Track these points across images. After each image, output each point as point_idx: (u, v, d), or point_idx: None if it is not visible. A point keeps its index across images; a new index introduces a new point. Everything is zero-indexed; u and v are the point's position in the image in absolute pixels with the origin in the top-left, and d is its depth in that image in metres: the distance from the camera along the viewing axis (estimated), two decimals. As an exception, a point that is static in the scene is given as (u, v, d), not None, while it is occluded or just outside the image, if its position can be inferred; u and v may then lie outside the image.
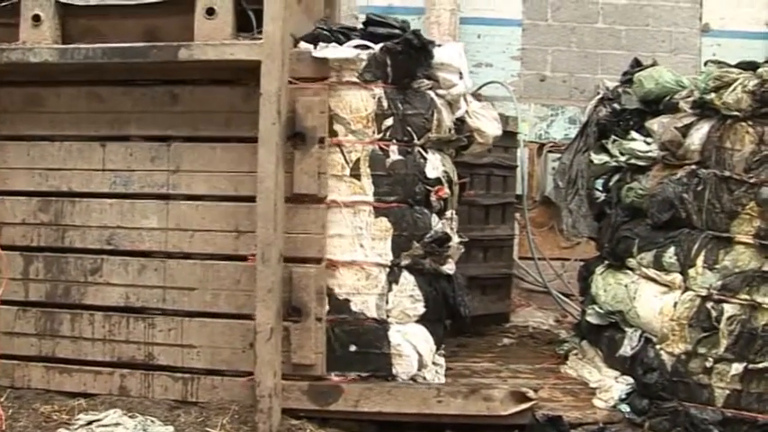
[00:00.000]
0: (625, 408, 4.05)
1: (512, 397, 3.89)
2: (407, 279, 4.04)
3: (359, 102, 3.98)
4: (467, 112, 4.40)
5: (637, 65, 4.86)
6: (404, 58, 3.99)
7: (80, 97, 4.10)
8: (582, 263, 5.31)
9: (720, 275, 3.97)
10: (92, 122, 4.09)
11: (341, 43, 4.00)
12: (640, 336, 4.19)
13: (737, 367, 3.91)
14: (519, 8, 7.78)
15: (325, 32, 4.06)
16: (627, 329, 4.28)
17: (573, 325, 5.53)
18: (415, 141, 4.05)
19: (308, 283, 3.85)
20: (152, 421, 3.67)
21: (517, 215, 6.59)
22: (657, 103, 4.38)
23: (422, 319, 4.10)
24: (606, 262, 4.68)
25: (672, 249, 4.09)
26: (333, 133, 3.97)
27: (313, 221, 3.89)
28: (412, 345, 4.02)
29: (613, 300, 4.42)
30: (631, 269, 4.36)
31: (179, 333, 3.97)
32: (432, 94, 4.09)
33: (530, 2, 7.81)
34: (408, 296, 4.04)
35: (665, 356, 4.03)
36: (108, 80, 4.07)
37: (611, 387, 4.17)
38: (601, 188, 4.99)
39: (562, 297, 6.54)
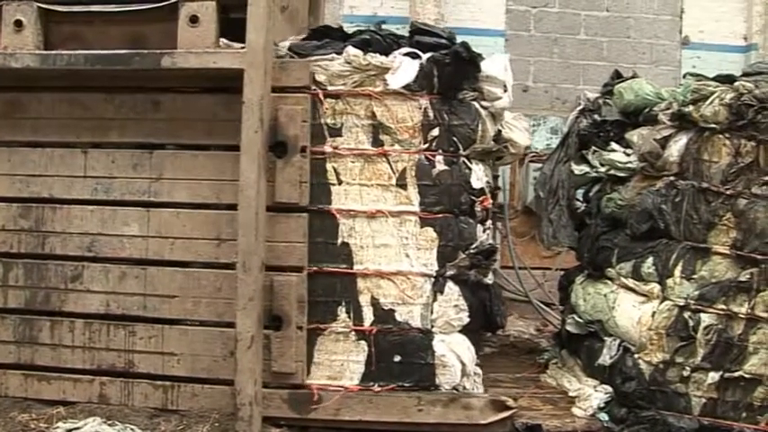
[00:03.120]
0: (604, 416, 4.09)
1: (491, 406, 3.91)
2: (452, 289, 4.02)
3: (405, 112, 3.99)
4: (501, 122, 4.41)
5: (617, 76, 4.91)
6: (451, 70, 3.99)
7: (62, 104, 4.09)
8: (563, 272, 5.34)
9: (698, 285, 4.03)
10: (74, 129, 4.08)
11: (391, 50, 4.01)
12: (619, 345, 4.22)
13: (714, 376, 3.96)
14: (502, 19, 7.84)
15: (377, 37, 4.06)
16: (606, 339, 4.31)
17: (553, 334, 5.56)
18: (461, 152, 4.05)
19: (288, 292, 3.86)
20: (132, 429, 3.66)
21: (498, 224, 6.61)
22: (637, 115, 4.43)
23: (463, 329, 4.08)
24: (586, 272, 4.72)
25: (650, 259, 4.14)
26: (379, 143, 3.99)
27: (294, 230, 3.90)
28: (456, 354, 4.00)
29: (593, 309, 4.45)
30: (611, 279, 4.40)
31: (159, 341, 3.96)
32: (476, 105, 4.09)
33: (513, 13, 7.87)
34: (453, 306, 4.01)
35: (643, 365, 4.07)
36: (90, 87, 4.06)
37: (591, 396, 4.20)
38: (581, 198, 5.03)
39: (543, 306, 6.56)
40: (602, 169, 4.50)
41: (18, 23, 3.94)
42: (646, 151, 4.21)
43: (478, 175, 4.10)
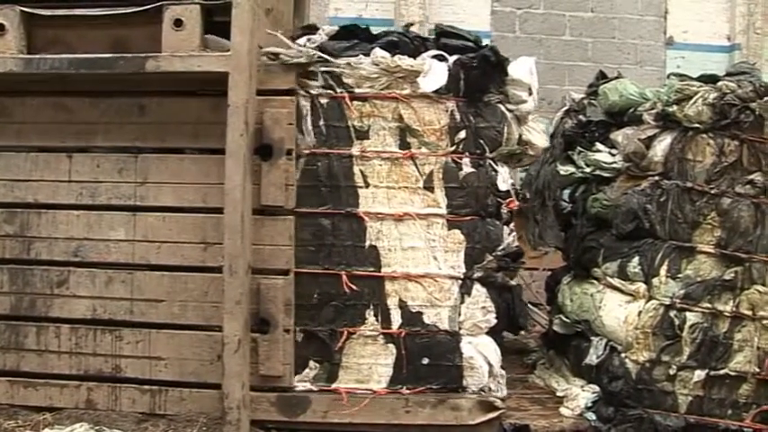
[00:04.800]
0: (591, 416, 4.11)
1: (479, 406, 3.92)
2: (479, 291, 4.01)
3: (432, 114, 3.98)
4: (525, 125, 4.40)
5: (602, 77, 4.94)
6: (478, 73, 3.98)
7: (46, 108, 4.06)
8: (549, 272, 5.36)
9: (683, 284, 4.06)
10: (58, 133, 4.05)
11: (418, 53, 4.00)
12: (606, 344, 4.25)
13: (700, 374, 4.00)
14: (487, 20, 7.87)
15: (405, 39, 4.06)
16: (593, 338, 4.34)
17: (541, 334, 5.58)
18: (487, 154, 4.05)
19: (275, 295, 3.85)
20: (119, 434, 3.65)
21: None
22: (622, 115, 4.46)
23: (489, 331, 4.08)
24: (572, 272, 4.75)
25: (636, 259, 4.16)
26: (406, 146, 3.98)
27: (280, 233, 3.89)
28: (483, 356, 3.99)
29: (579, 309, 4.48)
30: (597, 279, 4.42)
31: (147, 345, 3.94)
32: (502, 107, 4.09)
33: (498, 14, 7.90)
34: (481, 308, 4.01)
35: (629, 365, 4.09)
36: (75, 91, 4.03)
37: (578, 396, 4.22)
38: (567, 199, 5.05)
39: (530, 306, 6.56)
40: (588, 169, 4.53)
41: (1, 27, 3.91)
42: (630, 151, 4.24)
43: (504, 178, 4.10)
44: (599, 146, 4.54)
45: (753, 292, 4.05)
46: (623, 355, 4.12)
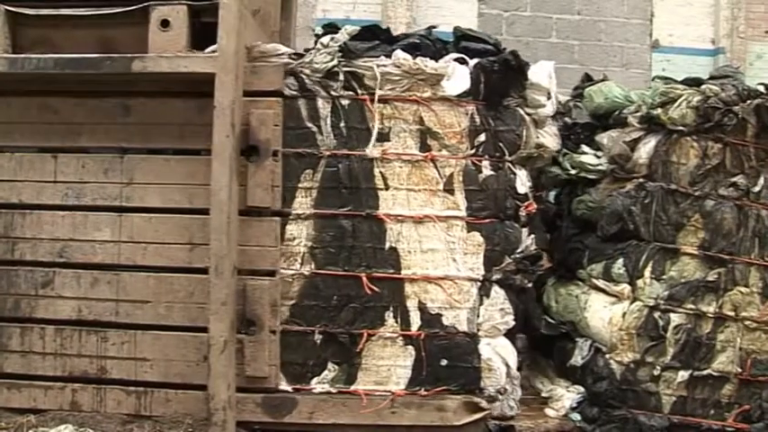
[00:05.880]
0: (576, 416, 4.13)
1: (465, 407, 3.92)
2: (498, 293, 4.02)
3: (452, 117, 3.97)
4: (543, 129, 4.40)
5: (587, 80, 4.97)
6: (499, 77, 3.98)
7: (31, 108, 4.04)
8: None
9: (667, 286, 4.09)
10: (43, 133, 4.03)
11: (440, 55, 4.00)
12: (590, 345, 4.27)
13: (683, 374, 4.04)
14: (474, 22, 7.90)
15: (427, 42, 4.05)
16: (578, 339, 4.36)
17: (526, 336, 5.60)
18: (507, 157, 4.05)
19: (261, 296, 3.85)
20: (104, 436, 3.64)
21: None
22: (607, 118, 4.49)
23: (507, 333, 4.09)
24: (557, 273, 4.77)
25: (620, 260, 4.19)
26: (426, 148, 3.97)
27: (267, 234, 3.89)
28: (501, 358, 4.00)
29: (564, 310, 4.50)
30: (582, 280, 4.45)
31: (132, 346, 3.93)
32: (521, 111, 4.09)
33: (485, 17, 7.94)
34: (499, 310, 4.01)
35: (614, 365, 4.12)
36: (60, 91, 4.01)
37: (563, 396, 4.25)
38: (552, 200, 5.07)
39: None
40: (573, 171, 4.55)
41: (-14, 27, 3.90)
42: (615, 153, 4.26)
43: (522, 180, 4.11)
44: (584, 148, 4.56)
45: (735, 294, 4.10)
46: (608, 355, 4.15)
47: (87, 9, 3.93)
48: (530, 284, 4.21)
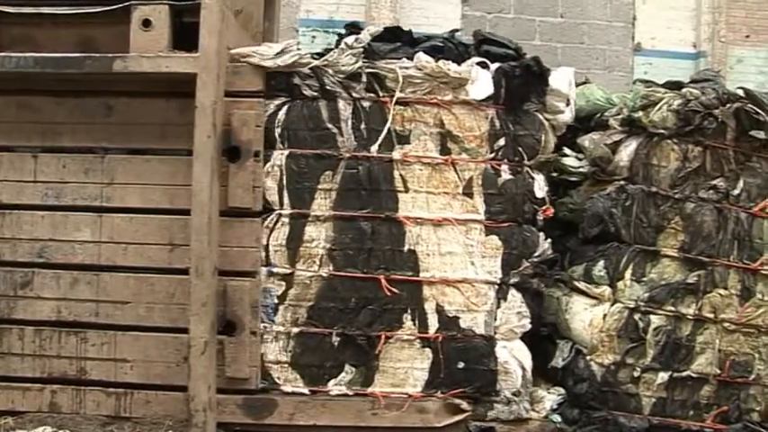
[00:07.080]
0: (557, 418, 4.14)
1: (446, 409, 3.94)
2: (515, 296, 4.03)
3: (472, 121, 3.98)
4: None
5: (570, 82, 4.98)
6: (520, 82, 4.00)
7: (11, 107, 4.01)
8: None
9: (647, 288, 4.12)
10: (23, 133, 4.00)
11: (462, 59, 3.99)
12: (571, 347, 4.28)
13: (663, 376, 4.06)
14: (457, 24, 7.92)
15: (450, 45, 4.05)
16: (558, 341, 4.37)
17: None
18: (525, 162, 4.06)
19: (242, 297, 3.84)
20: (83, 438, 3.61)
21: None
22: (589, 120, 4.50)
23: (522, 335, 4.10)
24: (539, 275, 4.78)
25: (601, 263, 4.21)
26: (446, 151, 3.98)
27: (247, 235, 3.88)
28: (518, 360, 4.02)
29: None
30: (563, 282, 4.46)
31: (112, 347, 3.91)
32: (540, 116, 4.10)
33: (468, 18, 7.97)
34: (516, 313, 4.03)
35: (594, 367, 4.14)
36: (41, 90, 3.99)
37: (543, 398, 4.24)
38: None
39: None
40: (554, 174, 4.57)
41: (-35, 25, 3.87)
42: (597, 156, 4.28)
43: (540, 185, 4.13)
44: (566, 150, 4.57)
45: (715, 296, 4.13)
46: (588, 357, 4.16)
47: (68, 8, 3.91)
48: (545, 288, 4.22)
